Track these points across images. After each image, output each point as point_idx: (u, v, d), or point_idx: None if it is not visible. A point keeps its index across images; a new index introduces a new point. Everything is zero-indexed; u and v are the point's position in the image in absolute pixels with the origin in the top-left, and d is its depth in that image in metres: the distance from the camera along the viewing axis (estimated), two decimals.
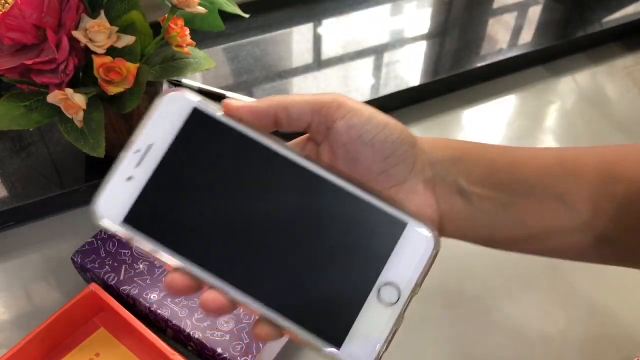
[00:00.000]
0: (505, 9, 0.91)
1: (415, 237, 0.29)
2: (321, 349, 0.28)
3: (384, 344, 0.28)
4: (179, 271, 0.29)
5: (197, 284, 0.29)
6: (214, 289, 0.29)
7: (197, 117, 0.31)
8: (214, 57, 0.65)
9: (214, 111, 0.31)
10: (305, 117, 0.32)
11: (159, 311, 0.52)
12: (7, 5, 0.53)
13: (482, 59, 0.82)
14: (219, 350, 0.50)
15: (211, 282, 0.29)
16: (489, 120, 0.80)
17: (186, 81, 0.74)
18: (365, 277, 0.29)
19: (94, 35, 0.54)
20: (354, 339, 0.28)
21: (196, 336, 0.51)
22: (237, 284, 0.29)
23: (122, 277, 0.55)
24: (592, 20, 0.89)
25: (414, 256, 0.29)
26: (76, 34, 0.53)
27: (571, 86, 0.84)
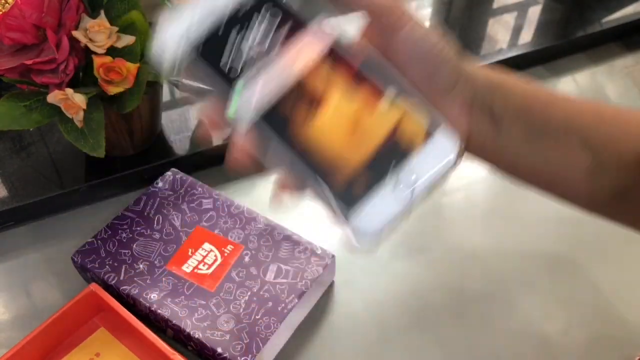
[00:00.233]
0: (505, 9, 0.91)
1: (444, 140, 0.31)
2: (336, 210, 0.29)
3: (389, 225, 0.29)
4: None
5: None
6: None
7: None
8: None
9: None
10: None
11: (159, 311, 0.52)
12: (7, 5, 0.53)
13: (482, 59, 0.82)
14: (219, 350, 0.50)
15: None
16: None
17: (186, 81, 0.74)
18: (389, 162, 0.30)
19: (94, 35, 0.54)
20: (363, 213, 0.29)
21: (196, 336, 0.51)
22: None
23: (122, 277, 0.55)
24: (592, 20, 0.88)
25: (438, 157, 0.30)
26: (76, 34, 0.53)
27: (571, 86, 0.84)
